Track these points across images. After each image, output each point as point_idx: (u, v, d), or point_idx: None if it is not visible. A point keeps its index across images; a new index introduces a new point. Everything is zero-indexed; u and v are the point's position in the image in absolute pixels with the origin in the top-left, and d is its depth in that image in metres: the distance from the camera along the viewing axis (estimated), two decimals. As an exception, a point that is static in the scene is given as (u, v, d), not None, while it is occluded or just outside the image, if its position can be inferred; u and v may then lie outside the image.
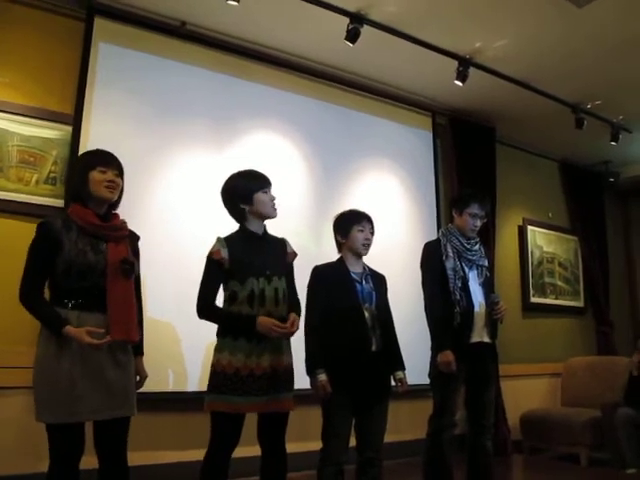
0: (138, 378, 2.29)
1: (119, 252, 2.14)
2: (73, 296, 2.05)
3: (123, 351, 2.13)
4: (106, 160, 2.18)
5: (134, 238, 2.31)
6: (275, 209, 2.49)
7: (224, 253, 2.35)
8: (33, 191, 3.35)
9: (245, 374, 2.25)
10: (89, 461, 2.08)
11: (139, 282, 2.32)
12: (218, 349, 2.34)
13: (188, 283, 2.59)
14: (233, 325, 2.33)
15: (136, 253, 2.29)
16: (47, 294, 2.12)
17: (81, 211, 2.13)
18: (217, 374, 2.29)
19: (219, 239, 2.41)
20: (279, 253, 2.50)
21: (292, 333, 2.34)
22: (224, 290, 2.41)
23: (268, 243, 2.49)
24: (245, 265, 2.35)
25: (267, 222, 2.52)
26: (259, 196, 2.44)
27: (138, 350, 2.29)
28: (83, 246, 2.07)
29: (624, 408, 4.35)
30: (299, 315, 2.49)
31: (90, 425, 2.07)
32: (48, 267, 2.06)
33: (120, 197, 2.25)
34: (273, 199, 2.48)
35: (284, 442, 2.40)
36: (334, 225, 2.79)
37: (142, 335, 2.30)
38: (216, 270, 2.36)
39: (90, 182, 2.13)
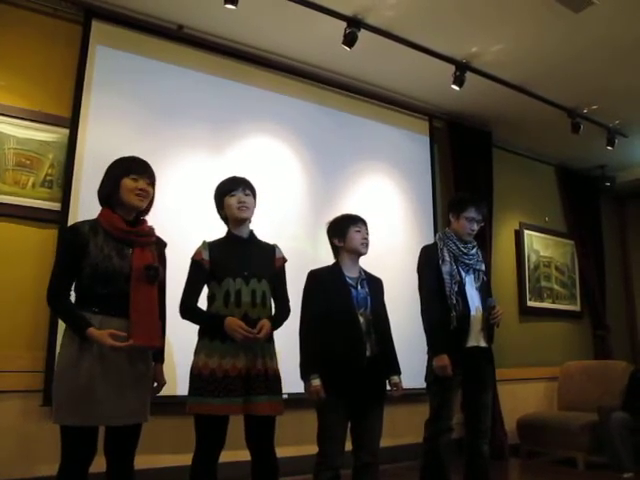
0: (156, 384, 2.29)
1: (144, 258, 2.15)
2: (98, 301, 2.06)
3: (143, 359, 2.13)
4: (139, 168, 2.20)
5: (161, 244, 2.32)
6: (243, 210, 2.46)
7: (205, 255, 2.41)
8: (29, 194, 3.34)
9: (220, 375, 2.26)
10: (95, 464, 2.07)
11: (164, 288, 2.31)
12: (196, 352, 2.37)
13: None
14: (206, 324, 2.38)
15: (162, 259, 2.29)
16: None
17: (109, 216, 2.15)
18: (195, 376, 2.31)
19: (203, 242, 2.47)
20: (265, 257, 2.52)
21: (259, 339, 2.31)
22: (207, 292, 2.44)
23: (254, 247, 2.51)
24: (223, 266, 2.40)
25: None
26: (226, 199, 2.49)
27: (159, 357, 2.29)
28: (109, 251, 2.09)
29: (619, 412, 4.35)
30: (283, 320, 2.50)
31: (101, 429, 2.07)
32: (75, 270, 2.08)
33: (150, 205, 2.25)
34: (241, 201, 2.46)
35: (273, 446, 2.38)
36: (329, 230, 2.78)
37: (164, 342, 2.30)
38: (198, 271, 2.42)
39: (121, 189, 2.15)
